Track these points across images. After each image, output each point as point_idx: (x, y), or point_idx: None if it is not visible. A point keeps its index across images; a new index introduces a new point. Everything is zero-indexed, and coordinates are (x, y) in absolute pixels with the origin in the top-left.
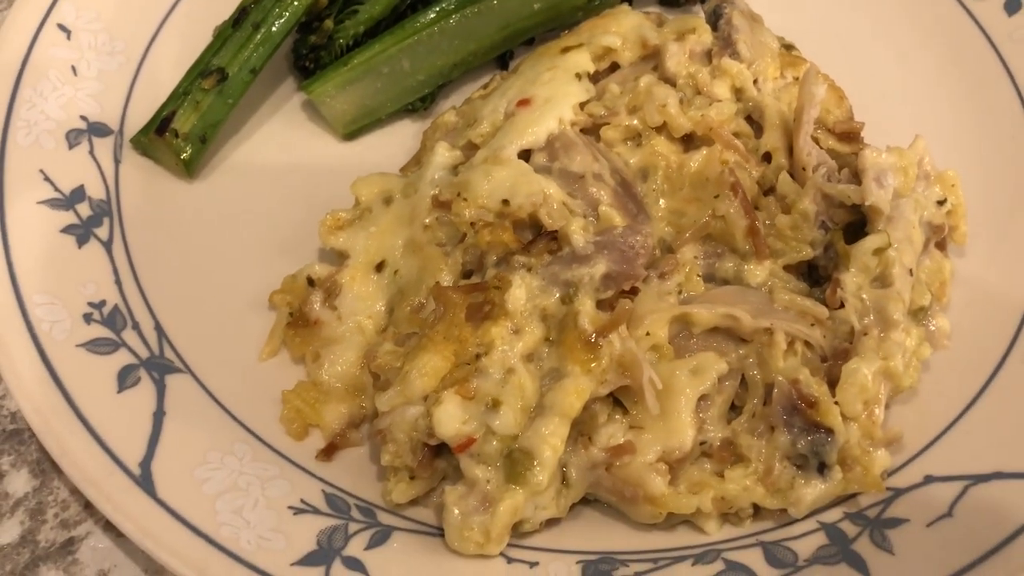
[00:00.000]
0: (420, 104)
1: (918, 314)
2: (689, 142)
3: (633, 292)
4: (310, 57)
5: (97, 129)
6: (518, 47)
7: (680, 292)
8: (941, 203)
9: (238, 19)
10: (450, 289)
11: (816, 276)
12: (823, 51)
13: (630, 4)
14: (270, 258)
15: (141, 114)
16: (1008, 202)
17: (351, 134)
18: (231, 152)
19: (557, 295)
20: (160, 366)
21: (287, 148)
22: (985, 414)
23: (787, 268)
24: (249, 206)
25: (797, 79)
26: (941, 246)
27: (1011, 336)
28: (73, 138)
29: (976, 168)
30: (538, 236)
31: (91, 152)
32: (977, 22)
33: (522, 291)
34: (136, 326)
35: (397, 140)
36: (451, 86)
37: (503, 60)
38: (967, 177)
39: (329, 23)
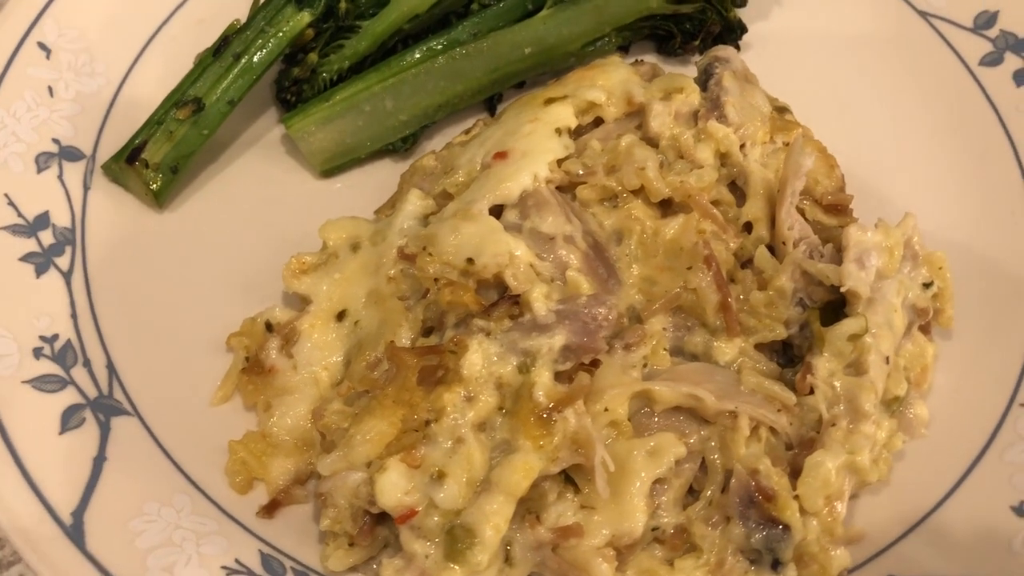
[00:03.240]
0: (401, 144)
1: (892, 404)
2: (667, 207)
3: (594, 364)
4: (292, 90)
5: (69, 153)
6: (507, 90)
7: (645, 365)
8: (927, 285)
9: (219, 48)
10: (404, 350)
11: (791, 354)
12: (821, 114)
13: (626, 51)
14: (234, 297)
15: (116, 139)
16: (1003, 284)
17: (329, 171)
18: (205, 182)
19: (514, 363)
20: (107, 407)
21: (262, 182)
22: (958, 512)
23: (760, 346)
24: (218, 240)
25: (788, 144)
26: (925, 329)
27: (992, 429)
28: (43, 161)
29: (972, 245)
30: (500, 299)
31: (60, 177)
32: (984, 90)
33: (478, 357)
34: (87, 363)
35: (376, 180)
36: (435, 127)
37: (491, 103)
38: (962, 254)
39: (313, 56)
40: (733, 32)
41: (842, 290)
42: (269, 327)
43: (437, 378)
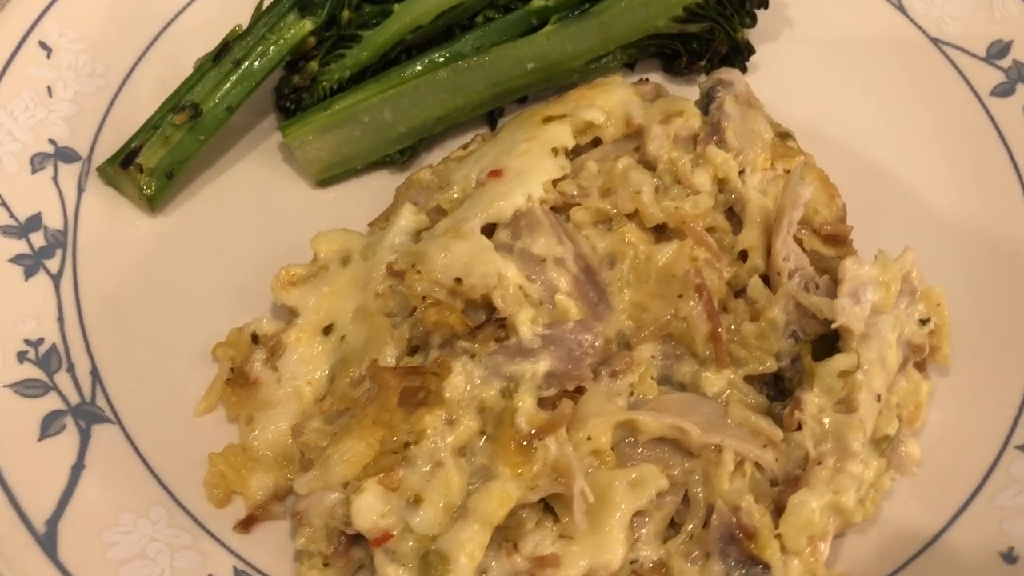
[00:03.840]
0: (399, 156)
1: (882, 443)
2: (662, 232)
3: (579, 391)
4: (291, 98)
5: (65, 154)
6: (509, 104)
7: (631, 393)
8: (924, 322)
9: (219, 54)
10: (386, 370)
11: (782, 387)
12: (826, 140)
13: (631, 68)
14: (224, 305)
15: (114, 141)
16: (1004, 322)
17: (325, 181)
18: (200, 187)
19: (498, 388)
20: (88, 414)
21: (258, 189)
22: (945, 556)
23: (750, 378)
24: (210, 247)
25: (788, 172)
26: (921, 366)
27: (984, 471)
28: (38, 162)
29: (974, 281)
30: (487, 321)
31: (55, 178)
32: (994, 122)
33: (462, 379)
34: (71, 368)
35: (371, 191)
36: (434, 140)
37: (491, 117)
38: (964, 290)
39: (314, 65)
40: (740, 53)
41: (833, 326)
42: (255, 339)
43: (419, 400)
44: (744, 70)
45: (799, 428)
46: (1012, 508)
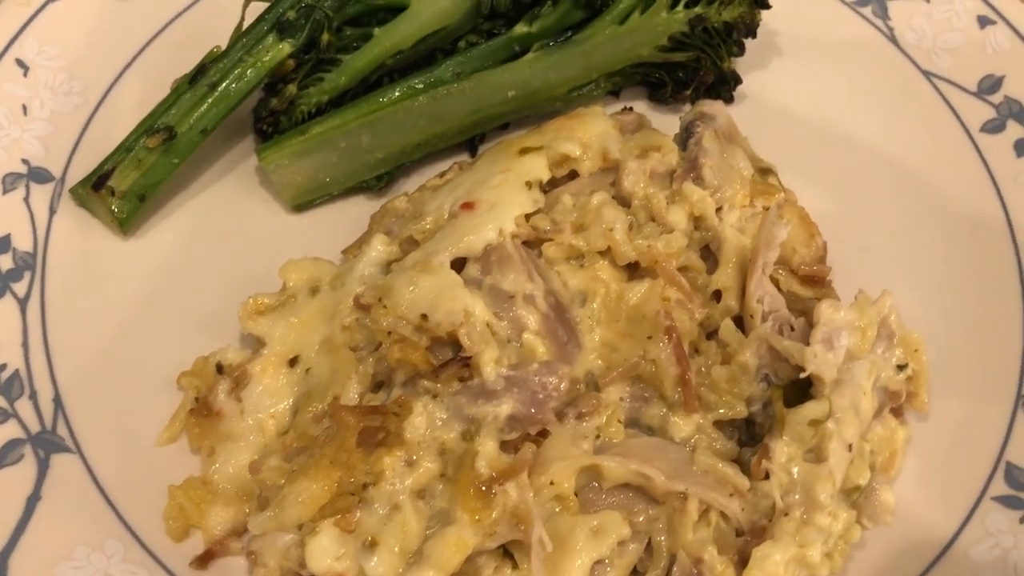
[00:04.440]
0: (376, 183)
1: (852, 494)
2: (635, 270)
3: (543, 434)
4: (268, 121)
5: (37, 175)
6: (491, 131)
7: (598, 436)
8: (902, 367)
9: (195, 76)
10: (346, 409)
11: (753, 431)
12: (810, 174)
13: (616, 96)
14: (193, 331)
15: (89, 161)
16: (985, 368)
17: (300, 206)
18: (174, 210)
19: (459, 430)
20: (48, 443)
21: (232, 212)
22: None
23: (720, 422)
24: (182, 271)
25: (768, 208)
26: (898, 412)
27: (960, 522)
28: (10, 183)
29: (956, 324)
30: (450, 360)
31: (26, 199)
32: (983, 158)
33: (423, 420)
34: (33, 395)
35: (347, 217)
36: (412, 166)
37: (471, 143)
38: (946, 332)
39: (292, 88)
40: (727, 83)
41: (803, 375)
42: (220, 369)
43: (378, 440)
44: (730, 100)
45: (767, 477)
46: (986, 563)
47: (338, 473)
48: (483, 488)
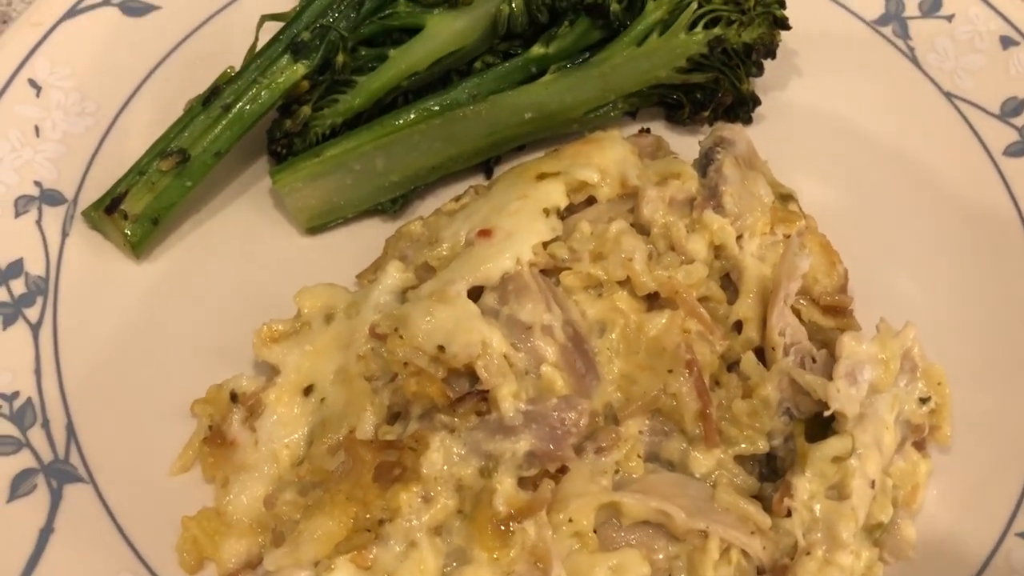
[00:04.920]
0: (391, 206)
1: (874, 531)
2: (654, 300)
3: (562, 470)
4: (283, 143)
5: (50, 197)
6: (507, 153)
7: (617, 471)
8: (924, 400)
9: (209, 97)
10: (362, 444)
11: (774, 465)
12: (830, 197)
13: (633, 117)
14: (207, 357)
15: (101, 182)
16: (1009, 399)
17: (314, 229)
18: (188, 232)
19: (476, 466)
20: (61, 473)
21: (246, 235)
22: None
23: (740, 457)
24: (195, 295)
25: (788, 236)
26: (920, 445)
27: (983, 558)
28: (22, 205)
29: (979, 354)
30: (468, 394)
31: (38, 222)
32: (1006, 182)
33: (440, 456)
34: (46, 424)
35: (362, 241)
36: (427, 189)
37: (487, 165)
38: (968, 363)
39: (306, 110)
40: (746, 104)
41: (825, 414)
42: (234, 397)
43: (394, 475)
44: (749, 121)
45: (789, 514)
46: None
47: (354, 509)
48: (501, 526)
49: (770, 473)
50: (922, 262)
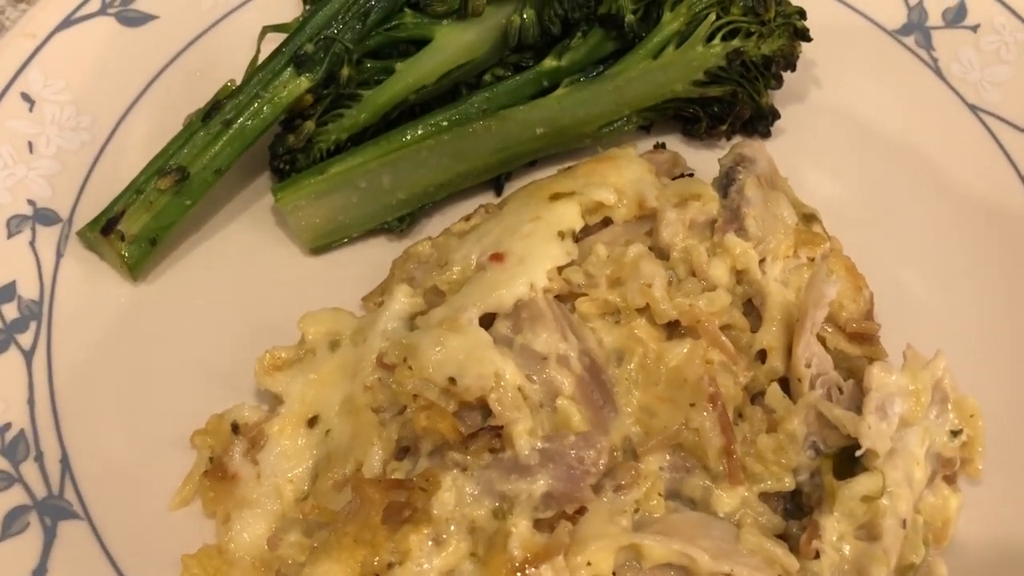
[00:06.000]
0: (398, 224)
1: (906, 572)
2: (674, 327)
3: (579, 511)
4: (285, 159)
5: (44, 216)
6: (517, 169)
7: (637, 510)
8: (956, 433)
9: (208, 113)
10: (370, 483)
11: (800, 501)
12: (853, 215)
13: (647, 131)
14: (207, 384)
15: (96, 201)
16: None
17: (318, 248)
18: (186, 252)
19: (490, 507)
20: (55, 509)
21: (247, 255)
22: None
23: (765, 494)
24: (194, 319)
25: (812, 259)
26: (950, 480)
27: None
28: (15, 225)
29: (1011, 383)
30: (481, 430)
31: (32, 243)
32: None
33: (451, 496)
34: (39, 457)
35: (368, 260)
36: (435, 207)
37: (497, 182)
38: (999, 391)
39: (310, 125)
40: (765, 117)
41: (857, 454)
42: (235, 428)
43: (404, 517)
44: (768, 134)
45: (817, 556)
46: None
47: (362, 552)
48: (516, 571)
49: (795, 509)
50: (949, 280)
